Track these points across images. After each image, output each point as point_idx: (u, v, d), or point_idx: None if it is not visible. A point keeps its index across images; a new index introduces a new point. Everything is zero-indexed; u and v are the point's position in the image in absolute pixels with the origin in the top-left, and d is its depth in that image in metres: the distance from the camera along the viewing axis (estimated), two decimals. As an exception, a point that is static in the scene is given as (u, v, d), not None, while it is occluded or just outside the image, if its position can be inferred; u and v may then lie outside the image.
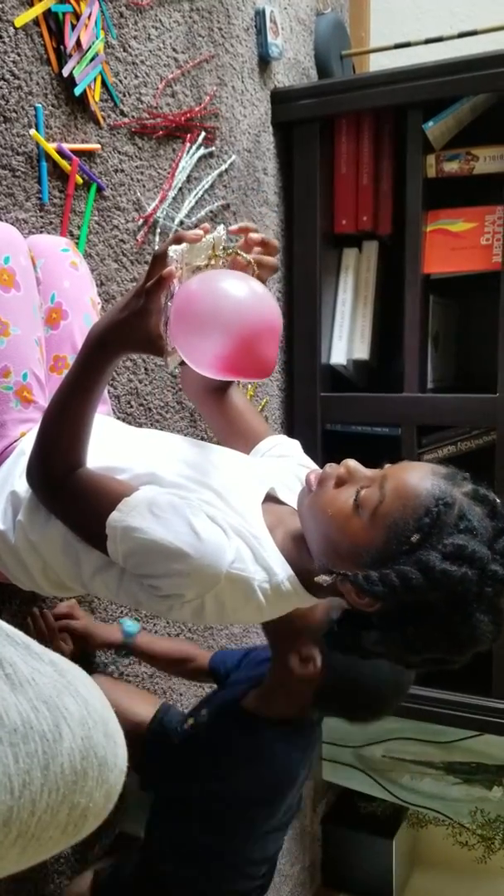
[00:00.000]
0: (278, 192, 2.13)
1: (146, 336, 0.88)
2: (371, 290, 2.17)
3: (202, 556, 0.87)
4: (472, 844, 2.67)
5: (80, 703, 0.47)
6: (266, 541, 0.94)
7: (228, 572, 0.88)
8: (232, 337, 0.85)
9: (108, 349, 0.91)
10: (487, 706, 2.03)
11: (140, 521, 0.88)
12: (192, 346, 0.88)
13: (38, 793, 0.42)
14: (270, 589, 0.92)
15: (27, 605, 1.36)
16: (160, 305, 0.87)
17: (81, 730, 0.46)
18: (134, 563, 0.91)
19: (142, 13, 1.54)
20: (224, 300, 0.86)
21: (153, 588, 0.91)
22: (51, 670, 0.47)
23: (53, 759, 0.43)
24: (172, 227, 1.67)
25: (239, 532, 0.92)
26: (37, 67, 1.31)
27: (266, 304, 0.89)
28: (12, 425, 1.10)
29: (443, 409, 2.00)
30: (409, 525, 0.84)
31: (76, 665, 0.51)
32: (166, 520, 0.88)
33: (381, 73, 2.01)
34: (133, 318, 0.88)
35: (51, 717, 0.44)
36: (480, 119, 2.04)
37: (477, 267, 1.99)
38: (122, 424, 1.23)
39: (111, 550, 0.91)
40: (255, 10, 1.95)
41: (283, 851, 2.46)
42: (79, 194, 1.42)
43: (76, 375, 0.93)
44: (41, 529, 1.00)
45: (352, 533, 0.87)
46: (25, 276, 1.12)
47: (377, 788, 2.65)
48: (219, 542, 0.88)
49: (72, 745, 0.45)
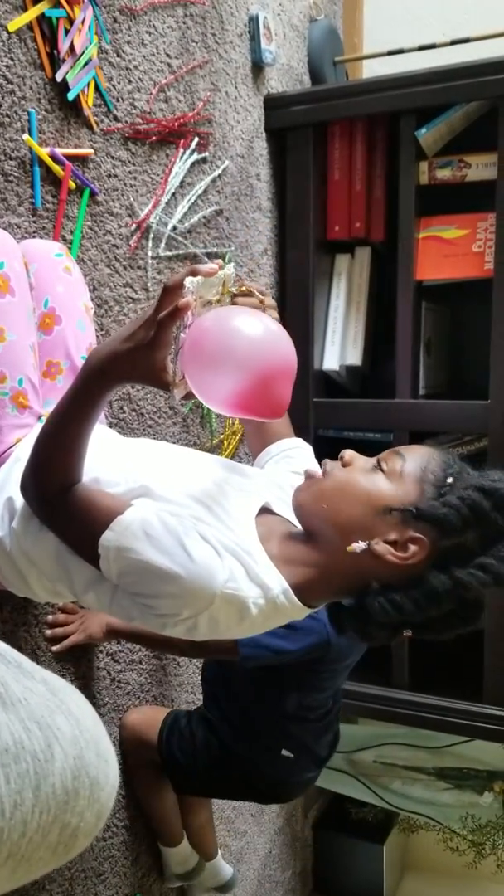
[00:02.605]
0: (271, 198, 2.13)
1: (150, 369, 0.86)
2: (364, 296, 2.18)
3: (194, 578, 0.86)
4: (463, 850, 2.68)
5: (71, 722, 0.46)
6: (259, 555, 0.93)
7: (223, 592, 0.87)
8: (247, 376, 0.83)
9: (109, 379, 0.89)
10: (479, 712, 2.03)
11: (133, 542, 0.87)
12: (206, 383, 0.86)
13: (30, 813, 0.42)
14: (265, 604, 0.91)
15: (18, 612, 1.36)
16: (170, 338, 0.85)
17: (73, 749, 0.45)
18: (127, 582, 0.90)
19: (135, 18, 1.54)
20: (241, 338, 0.84)
21: (146, 607, 0.90)
22: (43, 689, 0.47)
23: (45, 779, 0.43)
24: (165, 233, 1.67)
25: (231, 550, 0.91)
26: (30, 72, 1.30)
27: (283, 344, 0.87)
28: (8, 431, 1.10)
29: (435, 415, 2.00)
30: (438, 473, 0.90)
31: (68, 683, 0.50)
32: (158, 540, 0.87)
33: (375, 79, 2.02)
34: (139, 350, 0.85)
35: (42, 736, 0.44)
36: (473, 126, 2.04)
37: (469, 274, 2.00)
38: (115, 434, 1.23)
39: (104, 569, 0.90)
40: (249, 15, 1.96)
41: (274, 857, 2.46)
42: (72, 199, 1.41)
43: (73, 400, 0.91)
44: (34, 538, 0.99)
45: (384, 491, 0.90)
46: (19, 281, 1.12)
47: (368, 794, 2.65)
48: (211, 562, 0.87)
49: (63, 765, 0.44)
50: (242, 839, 2.26)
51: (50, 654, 1.43)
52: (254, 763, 1.61)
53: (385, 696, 2.12)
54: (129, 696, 1.69)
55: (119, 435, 1.24)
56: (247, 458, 2.08)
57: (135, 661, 1.69)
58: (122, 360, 0.86)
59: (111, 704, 1.63)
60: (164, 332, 0.84)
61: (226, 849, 2.09)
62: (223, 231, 1.90)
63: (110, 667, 1.62)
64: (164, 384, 0.86)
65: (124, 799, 1.70)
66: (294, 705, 1.57)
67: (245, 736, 1.61)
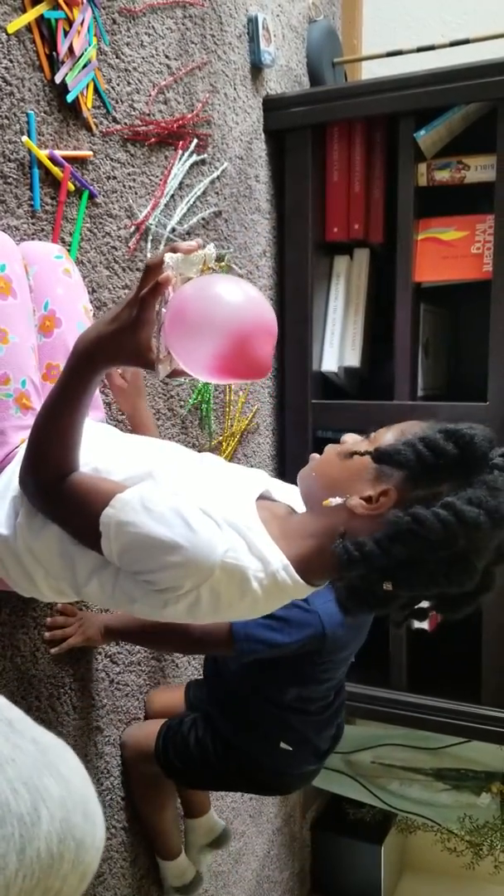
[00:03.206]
0: (270, 200, 2.13)
1: (135, 349, 0.87)
2: (362, 297, 2.18)
3: (195, 546, 0.87)
4: (461, 851, 2.68)
5: (60, 783, 0.45)
6: (259, 531, 0.94)
7: (223, 562, 0.88)
8: (226, 338, 0.86)
9: (96, 362, 0.90)
10: (476, 713, 2.03)
11: (133, 516, 0.89)
12: (188, 351, 0.88)
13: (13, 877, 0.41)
14: (266, 578, 0.92)
15: (17, 614, 1.36)
16: (153, 315, 0.87)
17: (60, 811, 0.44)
18: (128, 560, 0.91)
19: (134, 20, 1.54)
20: (218, 303, 0.87)
21: (148, 583, 0.91)
22: (32, 748, 0.46)
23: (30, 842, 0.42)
24: (164, 234, 1.67)
25: (232, 524, 0.92)
26: (29, 74, 1.30)
27: (259, 305, 0.90)
28: (12, 432, 1.11)
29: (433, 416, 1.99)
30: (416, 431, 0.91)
31: (60, 741, 0.49)
32: (158, 513, 0.88)
33: (373, 81, 2.02)
34: (123, 330, 0.87)
35: (30, 798, 0.43)
36: (472, 128, 2.04)
37: (467, 275, 2.00)
38: (117, 431, 1.23)
39: (105, 548, 0.91)
40: (248, 17, 1.96)
41: (272, 857, 2.46)
42: (71, 201, 1.41)
43: (64, 386, 0.93)
44: (38, 534, 1.00)
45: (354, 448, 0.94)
46: (20, 283, 1.12)
47: (366, 794, 2.65)
48: (212, 532, 0.88)
49: (49, 829, 0.43)
50: (241, 840, 2.26)
51: (49, 657, 1.43)
52: (253, 755, 1.62)
53: (383, 698, 2.13)
54: (128, 698, 1.69)
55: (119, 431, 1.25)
56: (246, 459, 2.08)
57: (133, 662, 1.69)
58: (108, 341, 0.88)
59: (110, 706, 1.63)
60: (147, 309, 0.86)
61: (225, 849, 2.09)
62: (222, 232, 1.90)
63: (109, 668, 1.62)
64: (150, 363, 0.88)
65: (123, 801, 1.70)
66: (293, 697, 1.57)
67: (244, 728, 1.61)
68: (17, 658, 1.36)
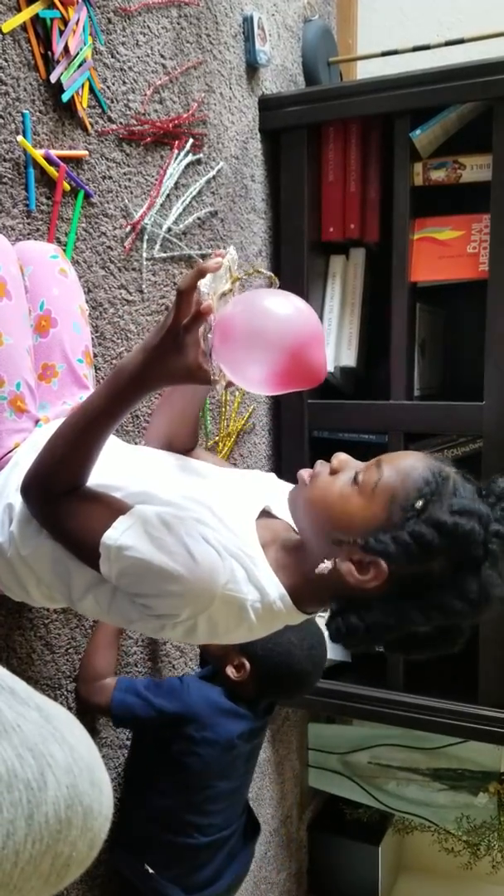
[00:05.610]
0: (266, 199, 2.12)
1: (187, 370, 0.87)
2: (358, 297, 2.18)
3: (196, 577, 0.86)
4: (458, 851, 2.67)
5: (66, 750, 0.46)
6: (259, 560, 0.93)
7: (222, 593, 0.88)
8: (281, 354, 0.86)
9: (148, 385, 0.90)
10: (473, 713, 2.03)
11: (134, 541, 0.87)
12: (244, 370, 0.89)
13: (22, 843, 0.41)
14: (262, 609, 0.92)
15: (13, 616, 1.35)
16: (198, 339, 0.87)
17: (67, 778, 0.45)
18: (127, 583, 0.90)
19: (130, 19, 1.54)
20: (267, 318, 0.87)
21: (145, 608, 0.90)
22: (36, 716, 0.46)
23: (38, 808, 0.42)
24: (160, 234, 1.67)
25: (232, 552, 0.91)
26: (24, 73, 1.30)
27: (307, 314, 0.91)
28: (7, 435, 1.09)
29: (429, 416, 2.00)
30: (410, 495, 0.86)
31: (64, 709, 0.49)
32: (161, 540, 0.87)
33: (369, 80, 2.02)
34: (171, 356, 0.86)
35: (36, 764, 0.43)
36: (468, 127, 2.04)
37: (464, 275, 2.00)
38: (117, 440, 1.23)
39: (104, 569, 0.90)
40: (243, 16, 1.95)
41: (269, 858, 2.46)
42: (66, 201, 1.41)
43: (103, 406, 0.91)
44: (32, 543, 0.99)
45: (352, 511, 0.89)
46: (15, 284, 1.11)
47: (363, 795, 2.65)
48: (213, 563, 0.87)
49: (57, 794, 0.43)
50: (238, 841, 2.25)
51: (46, 658, 1.43)
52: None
53: (380, 698, 2.12)
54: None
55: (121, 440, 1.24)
56: (242, 459, 2.08)
57: (129, 664, 1.69)
58: (157, 367, 0.88)
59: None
60: (191, 335, 0.86)
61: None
62: (218, 232, 1.90)
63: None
64: (206, 379, 0.88)
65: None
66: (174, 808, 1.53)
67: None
68: (14, 660, 1.36)
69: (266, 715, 1.64)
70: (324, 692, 2.12)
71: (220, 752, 1.50)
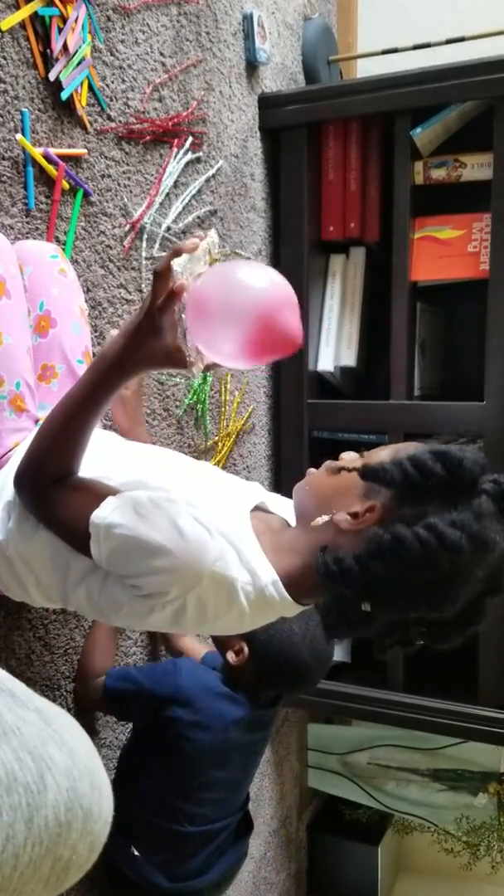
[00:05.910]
0: (265, 198, 2.12)
1: (165, 352, 0.88)
2: (358, 296, 2.17)
3: (184, 552, 0.86)
4: (458, 851, 2.67)
5: (65, 752, 0.45)
6: (251, 543, 0.93)
7: (212, 571, 0.87)
8: (251, 322, 0.85)
9: (128, 370, 0.91)
10: (473, 714, 2.03)
11: (123, 518, 0.88)
12: (218, 344, 0.88)
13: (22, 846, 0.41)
14: (254, 593, 0.91)
15: (12, 616, 1.34)
16: (174, 319, 0.88)
17: (66, 781, 0.44)
18: (116, 563, 0.90)
19: (129, 17, 1.53)
20: (234, 287, 0.87)
21: (135, 588, 0.90)
22: (36, 718, 0.46)
23: (37, 811, 0.42)
24: (159, 233, 1.66)
25: (224, 533, 0.91)
26: (23, 71, 1.29)
27: (275, 280, 0.89)
28: (6, 435, 1.10)
29: (430, 416, 1.99)
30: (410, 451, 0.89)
31: (64, 711, 0.49)
32: (149, 517, 0.88)
33: (369, 79, 2.01)
34: (149, 339, 0.88)
35: (35, 767, 0.43)
36: (468, 126, 2.04)
37: (464, 274, 1.99)
38: (112, 435, 1.23)
39: (94, 551, 0.91)
40: (243, 14, 1.94)
41: (269, 859, 2.46)
42: (65, 200, 1.40)
43: (87, 392, 0.93)
44: (29, 538, 0.99)
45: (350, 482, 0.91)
46: (15, 283, 1.11)
47: (363, 795, 2.65)
48: (202, 539, 0.87)
49: (56, 797, 0.43)
50: (237, 842, 2.25)
51: (45, 658, 1.42)
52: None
53: (380, 698, 2.12)
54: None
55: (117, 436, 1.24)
56: (241, 459, 2.07)
57: (129, 664, 1.68)
58: (136, 351, 0.89)
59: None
60: (165, 316, 0.86)
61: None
62: (217, 231, 1.89)
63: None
64: (183, 362, 0.89)
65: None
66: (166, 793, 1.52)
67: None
68: (13, 661, 1.35)
69: (270, 707, 1.62)
70: (323, 693, 2.11)
71: (212, 737, 1.48)
